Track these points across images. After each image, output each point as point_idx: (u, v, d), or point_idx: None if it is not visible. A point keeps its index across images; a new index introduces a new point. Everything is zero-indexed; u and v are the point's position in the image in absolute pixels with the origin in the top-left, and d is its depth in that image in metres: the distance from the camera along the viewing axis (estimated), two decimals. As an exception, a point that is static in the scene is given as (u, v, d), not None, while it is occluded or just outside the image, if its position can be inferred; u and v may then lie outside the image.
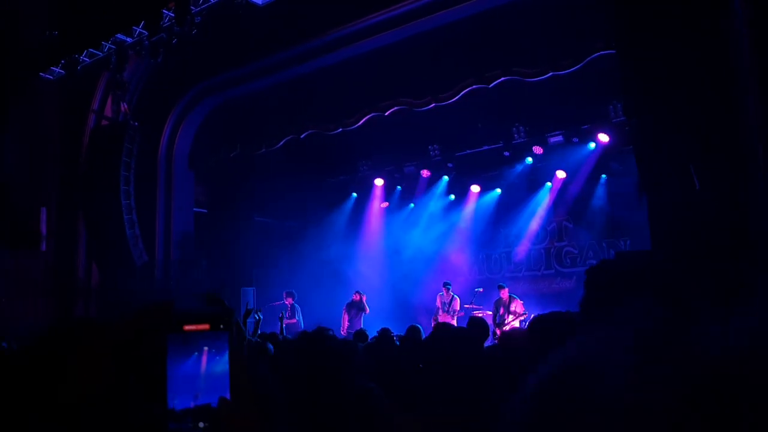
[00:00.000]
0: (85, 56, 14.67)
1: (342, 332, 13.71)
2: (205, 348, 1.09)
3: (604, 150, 14.28)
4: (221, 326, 1.11)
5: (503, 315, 12.95)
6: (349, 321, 14.26)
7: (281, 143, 15.10)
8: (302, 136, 14.81)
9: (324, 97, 14.25)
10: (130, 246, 14.53)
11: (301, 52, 13.74)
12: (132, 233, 14.60)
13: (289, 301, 14.33)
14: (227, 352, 1.10)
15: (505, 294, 13.20)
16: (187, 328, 1.10)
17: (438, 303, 14.02)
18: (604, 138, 13.95)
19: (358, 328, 11.16)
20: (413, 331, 7.11)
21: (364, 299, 14.53)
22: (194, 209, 16.89)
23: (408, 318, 13.40)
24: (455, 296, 13.93)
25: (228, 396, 1.08)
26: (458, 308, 13.77)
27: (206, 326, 1.10)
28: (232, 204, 17.59)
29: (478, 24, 11.98)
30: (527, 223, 16.19)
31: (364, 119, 13.88)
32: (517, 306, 12.94)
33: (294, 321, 13.98)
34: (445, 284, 14.11)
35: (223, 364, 1.09)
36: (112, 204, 14.56)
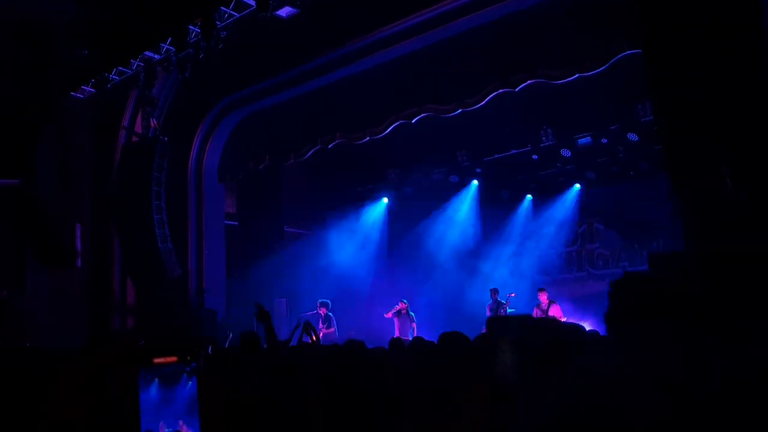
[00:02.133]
0: (114, 74, 14.91)
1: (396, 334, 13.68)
2: (175, 378, 1.12)
3: (633, 149, 14.12)
4: (188, 357, 1.13)
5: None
6: (399, 328, 14.24)
7: (309, 153, 15.16)
8: (330, 146, 14.86)
9: (350, 106, 14.29)
10: (163, 259, 14.68)
11: (326, 62, 13.80)
12: (165, 247, 14.75)
13: (323, 311, 14.34)
14: (195, 382, 1.12)
15: (544, 297, 13.10)
16: (156, 360, 1.12)
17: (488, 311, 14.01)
18: (633, 138, 13.80)
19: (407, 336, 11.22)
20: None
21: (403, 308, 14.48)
22: (225, 222, 17.03)
23: (441, 325, 13.35)
24: (501, 301, 13.89)
25: (198, 423, 1.11)
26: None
27: (174, 358, 1.13)
28: (261, 216, 17.71)
29: (502, 28, 11.93)
30: (558, 226, 16.08)
31: (391, 127, 13.88)
32: (555, 311, 12.80)
33: (331, 330, 13.99)
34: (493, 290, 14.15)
35: (192, 392, 1.12)
36: (145, 218, 14.73)
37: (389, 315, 14.57)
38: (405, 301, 14.52)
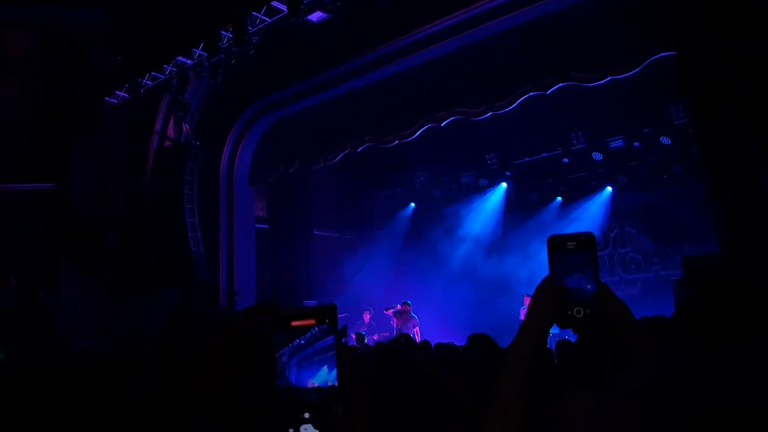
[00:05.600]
0: (147, 80, 15.09)
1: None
2: (313, 342, 1.15)
3: (666, 153, 13.98)
4: (327, 321, 1.16)
5: None
6: (398, 329, 14.16)
7: (339, 157, 15.21)
8: (359, 150, 14.89)
9: (380, 109, 14.31)
10: (195, 262, 14.82)
11: (356, 67, 13.84)
12: (197, 250, 14.89)
13: (367, 317, 14.27)
14: (334, 346, 1.14)
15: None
16: (294, 323, 1.15)
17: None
18: (666, 141, 13.68)
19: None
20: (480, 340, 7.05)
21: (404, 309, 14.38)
22: (255, 225, 17.15)
23: (471, 330, 13.28)
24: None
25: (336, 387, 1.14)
26: None
27: (312, 321, 1.15)
28: (291, 219, 17.81)
29: (533, 31, 11.88)
30: (589, 229, 15.90)
31: (420, 131, 13.87)
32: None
33: (376, 338, 13.97)
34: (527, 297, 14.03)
35: (330, 356, 1.14)
36: (177, 222, 14.88)
37: (389, 312, 14.47)
38: (409, 303, 14.42)
